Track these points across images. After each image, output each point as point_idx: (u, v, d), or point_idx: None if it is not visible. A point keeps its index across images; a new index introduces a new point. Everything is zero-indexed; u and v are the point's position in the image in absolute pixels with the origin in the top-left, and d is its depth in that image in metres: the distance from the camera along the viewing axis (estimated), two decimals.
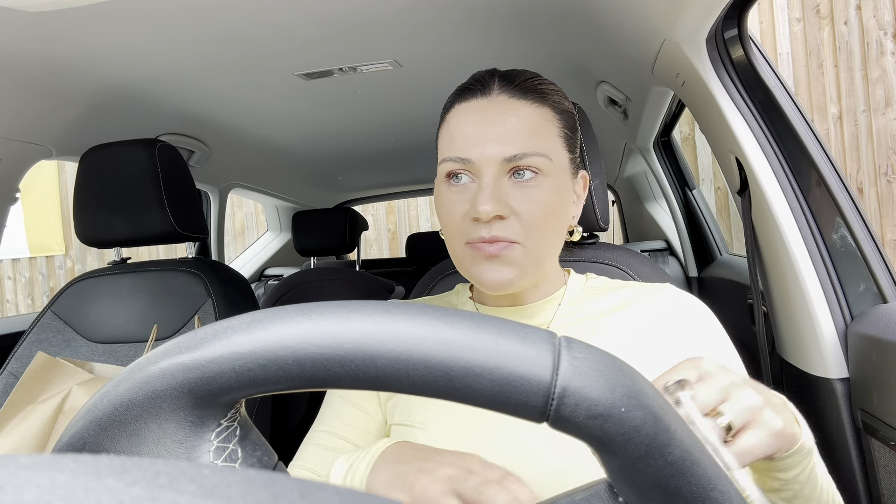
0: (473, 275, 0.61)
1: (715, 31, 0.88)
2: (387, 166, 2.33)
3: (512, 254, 0.59)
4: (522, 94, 0.63)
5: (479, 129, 0.61)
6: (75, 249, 4.43)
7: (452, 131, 0.63)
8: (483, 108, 0.62)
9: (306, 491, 0.15)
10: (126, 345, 1.21)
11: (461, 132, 0.61)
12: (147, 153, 1.21)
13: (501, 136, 0.60)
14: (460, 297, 0.75)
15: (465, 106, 0.63)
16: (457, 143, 0.61)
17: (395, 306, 0.26)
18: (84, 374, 1.09)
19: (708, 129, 1.01)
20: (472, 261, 0.61)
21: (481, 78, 0.65)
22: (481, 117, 0.61)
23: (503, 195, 0.59)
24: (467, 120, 0.62)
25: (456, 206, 0.61)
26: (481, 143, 0.60)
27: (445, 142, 0.63)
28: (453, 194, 0.61)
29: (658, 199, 2.22)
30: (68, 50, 1.04)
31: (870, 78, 3.13)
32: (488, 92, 0.63)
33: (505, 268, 0.59)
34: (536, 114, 0.62)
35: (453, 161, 0.61)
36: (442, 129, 0.66)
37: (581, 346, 0.26)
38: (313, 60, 1.19)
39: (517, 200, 0.59)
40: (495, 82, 0.64)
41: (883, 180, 3.15)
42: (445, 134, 0.64)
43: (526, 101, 0.63)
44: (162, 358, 0.26)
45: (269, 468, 0.29)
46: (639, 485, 0.26)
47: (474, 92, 0.64)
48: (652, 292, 0.66)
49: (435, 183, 0.67)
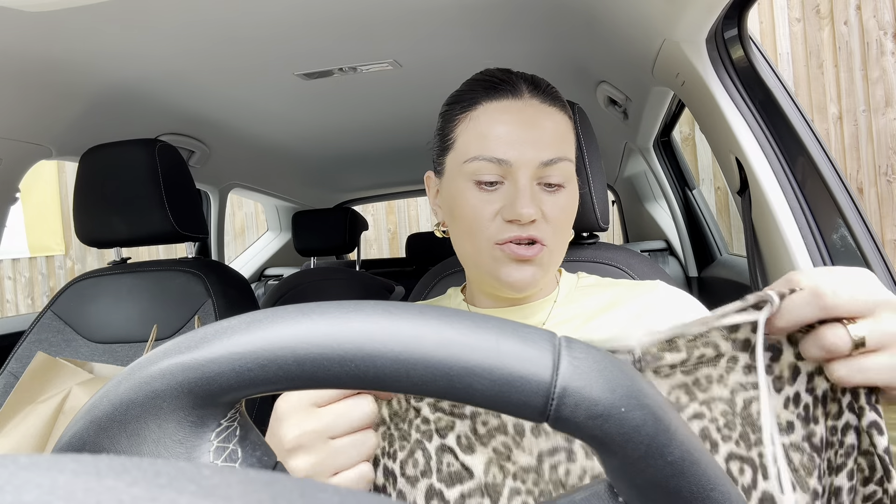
0: (499, 275, 0.61)
1: (715, 31, 0.88)
2: (387, 166, 2.33)
3: (541, 256, 0.61)
4: (551, 100, 0.64)
5: (514, 130, 0.60)
6: (75, 249, 4.43)
7: (484, 129, 0.61)
8: (518, 110, 0.61)
9: (306, 491, 0.15)
10: (126, 345, 1.21)
11: (494, 132, 0.60)
12: (147, 153, 1.21)
13: (538, 140, 0.60)
14: (452, 300, 0.75)
15: (496, 105, 0.62)
16: (490, 143, 0.60)
17: (394, 306, 0.26)
18: (84, 374, 1.09)
19: (708, 129, 1.01)
20: (499, 261, 0.61)
21: (506, 78, 0.64)
22: (516, 118, 0.61)
23: (537, 199, 0.60)
24: (501, 119, 0.61)
25: (486, 206, 0.61)
26: (518, 145, 0.60)
27: (473, 139, 0.62)
28: (483, 193, 0.61)
29: (658, 199, 2.21)
30: (68, 50, 1.04)
31: (870, 78, 3.13)
32: (519, 94, 0.63)
33: (531, 267, 0.61)
34: (562, 121, 0.64)
35: (488, 161, 0.60)
36: (462, 125, 0.64)
37: (581, 346, 0.26)
38: (313, 60, 1.19)
39: (546, 204, 0.61)
40: (523, 85, 0.64)
41: (883, 180, 3.15)
42: (472, 131, 0.62)
43: (554, 108, 0.64)
44: (162, 358, 0.26)
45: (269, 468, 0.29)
46: (639, 485, 0.26)
47: (504, 92, 0.63)
48: (643, 289, 0.67)
49: (448, 178, 0.65)
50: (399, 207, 4.10)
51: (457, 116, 0.65)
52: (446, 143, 0.66)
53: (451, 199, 0.64)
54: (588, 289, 0.70)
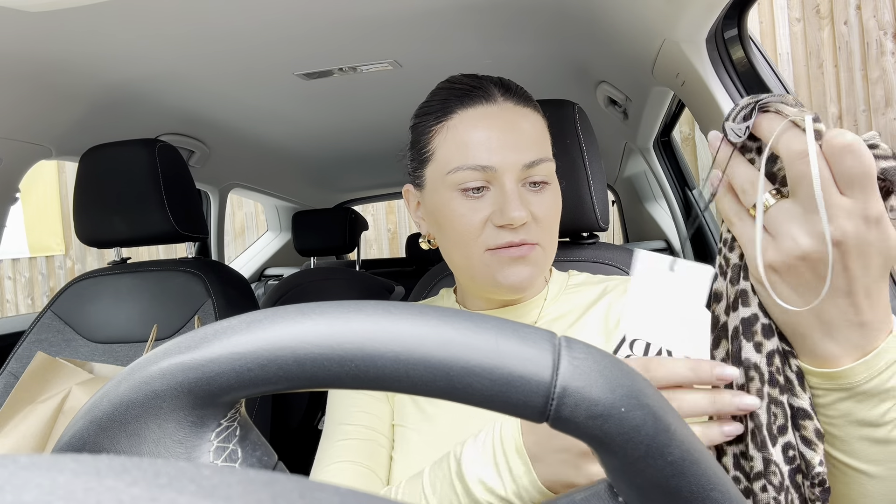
0: (497, 279, 0.61)
1: (715, 31, 0.88)
2: (387, 166, 2.33)
3: (534, 255, 0.61)
4: (524, 101, 0.64)
5: (494, 135, 0.60)
6: (75, 249, 4.43)
7: (463, 138, 0.60)
8: (495, 115, 0.61)
9: (306, 491, 0.15)
10: (126, 345, 1.21)
11: (474, 139, 0.60)
12: (147, 153, 1.21)
13: (518, 143, 0.60)
14: (445, 301, 0.75)
15: (472, 112, 0.61)
16: (472, 151, 0.60)
17: (394, 306, 0.26)
18: (84, 374, 1.09)
19: (708, 130, 1.01)
20: (493, 267, 0.61)
21: (477, 84, 0.63)
22: (495, 123, 0.60)
23: (524, 201, 0.60)
24: (479, 126, 0.60)
25: (475, 214, 0.60)
26: (500, 150, 0.59)
27: (454, 148, 0.61)
28: (470, 201, 0.60)
29: (658, 199, 2.21)
30: (68, 50, 1.04)
31: (870, 78, 3.13)
32: (492, 98, 0.62)
33: (527, 267, 0.61)
34: (538, 121, 0.64)
35: (472, 170, 0.59)
36: (440, 136, 0.63)
37: (581, 346, 0.26)
38: (313, 60, 1.19)
39: (534, 205, 0.61)
40: (495, 89, 0.63)
41: None
42: (452, 140, 0.61)
43: (528, 109, 0.64)
44: (162, 358, 0.26)
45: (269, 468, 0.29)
46: (639, 485, 0.26)
47: (477, 98, 0.62)
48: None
49: (430, 189, 0.64)
50: (399, 207, 4.10)
51: (432, 127, 0.64)
52: (424, 155, 0.65)
53: (437, 211, 0.63)
54: (578, 286, 0.70)
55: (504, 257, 0.60)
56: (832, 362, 0.37)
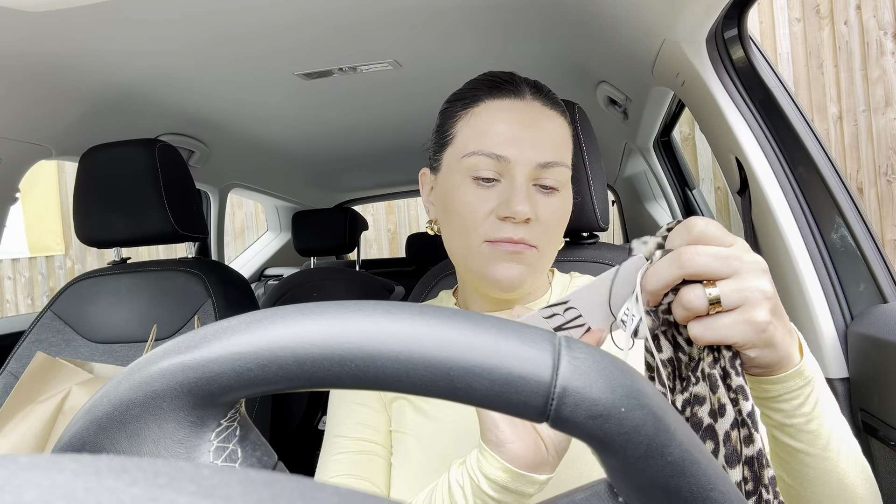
0: (488, 273, 0.61)
1: (715, 31, 0.88)
2: (387, 166, 2.33)
3: (530, 256, 0.60)
4: (552, 104, 0.64)
5: (515, 129, 0.60)
6: (75, 249, 4.43)
7: (485, 125, 0.61)
8: (520, 110, 0.62)
9: (306, 491, 0.15)
10: (126, 345, 1.21)
11: (495, 128, 0.61)
12: (147, 153, 1.21)
13: (537, 141, 0.60)
14: (444, 303, 0.75)
15: (498, 103, 0.62)
16: (490, 139, 0.60)
17: (394, 306, 0.26)
18: (84, 374, 1.09)
19: (708, 129, 1.01)
20: (488, 259, 0.61)
21: (509, 79, 0.64)
22: (518, 118, 0.61)
23: (532, 199, 0.60)
24: (502, 118, 0.61)
25: (481, 203, 0.60)
26: (518, 143, 0.60)
27: (473, 134, 0.62)
28: (480, 190, 0.61)
29: (658, 199, 2.21)
30: (68, 50, 1.03)
31: (870, 78, 3.13)
32: (521, 95, 0.63)
33: (520, 266, 0.60)
34: (562, 126, 0.64)
35: (487, 156, 0.60)
36: (463, 121, 0.64)
37: (581, 347, 0.26)
38: (313, 60, 1.19)
39: (540, 206, 0.61)
40: (526, 87, 0.64)
41: (883, 180, 3.15)
42: (473, 126, 0.62)
43: (556, 112, 0.64)
44: (162, 358, 0.26)
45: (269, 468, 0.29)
46: (639, 485, 0.26)
47: (506, 91, 0.63)
48: None
49: (445, 173, 0.65)
50: (399, 207, 4.10)
51: (457, 113, 0.65)
52: (445, 138, 0.66)
53: (447, 195, 0.64)
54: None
55: (500, 251, 0.60)
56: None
